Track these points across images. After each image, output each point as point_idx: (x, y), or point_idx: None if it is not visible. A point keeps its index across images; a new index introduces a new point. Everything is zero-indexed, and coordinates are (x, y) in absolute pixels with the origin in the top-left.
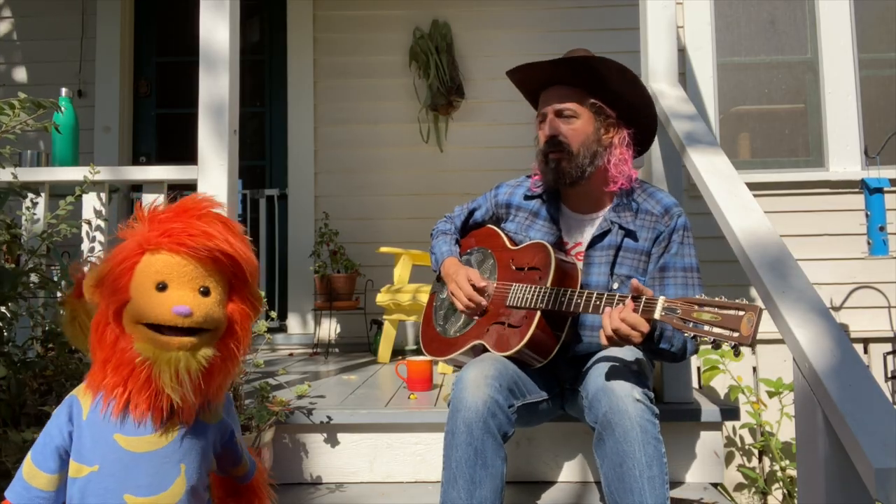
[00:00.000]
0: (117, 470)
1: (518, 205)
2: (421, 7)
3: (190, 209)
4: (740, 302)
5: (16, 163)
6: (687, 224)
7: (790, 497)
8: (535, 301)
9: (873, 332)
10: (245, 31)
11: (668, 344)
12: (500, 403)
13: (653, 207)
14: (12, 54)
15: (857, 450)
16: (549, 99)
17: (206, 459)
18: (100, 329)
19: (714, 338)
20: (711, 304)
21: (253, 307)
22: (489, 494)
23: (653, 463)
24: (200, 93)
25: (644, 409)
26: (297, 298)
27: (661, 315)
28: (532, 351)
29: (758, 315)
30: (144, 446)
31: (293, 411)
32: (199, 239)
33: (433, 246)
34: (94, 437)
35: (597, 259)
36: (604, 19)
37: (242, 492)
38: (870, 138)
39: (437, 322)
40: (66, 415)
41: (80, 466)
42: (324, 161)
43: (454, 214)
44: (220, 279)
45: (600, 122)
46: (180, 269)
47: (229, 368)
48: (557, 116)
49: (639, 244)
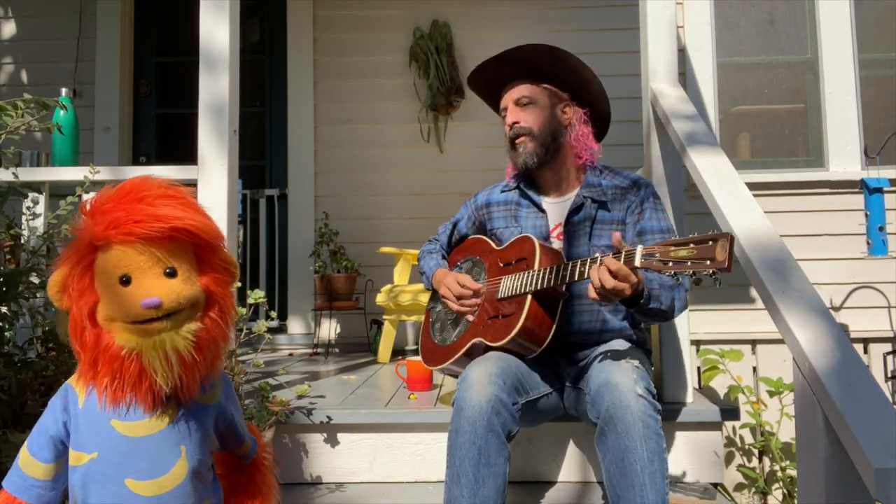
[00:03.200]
0: (116, 456)
1: (497, 201)
2: (421, 7)
3: (129, 192)
4: (712, 233)
5: (16, 163)
6: (655, 192)
7: (790, 497)
8: (524, 286)
9: (873, 332)
10: (245, 31)
11: (658, 302)
12: (504, 402)
13: (621, 182)
14: (11, 54)
15: (857, 450)
16: (507, 95)
17: (206, 440)
18: (77, 332)
19: (693, 270)
20: (685, 241)
21: (227, 272)
22: (492, 493)
23: (654, 458)
24: (200, 93)
25: (646, 404)
26: (297, 298)
27: (642, 261)
28: (527, 338)
29: (729, 241)
30: (142, 430)
31: (293, 411)
32: (147, 223)
33: (422, 266)
34: (91, 424)
35: (575, 233)
36: (604, 19)
37: (245, 468)
38: (870, 138)
39: (435, 334)
40: (60, 405)
41: (80, 454)
42: (324, 161)
43: (438, 234)
44: (183, 255)
45: (555, 102)
46: (137, 258)
47: (217, 339)
48: (516, 105)
49: (612, 214)
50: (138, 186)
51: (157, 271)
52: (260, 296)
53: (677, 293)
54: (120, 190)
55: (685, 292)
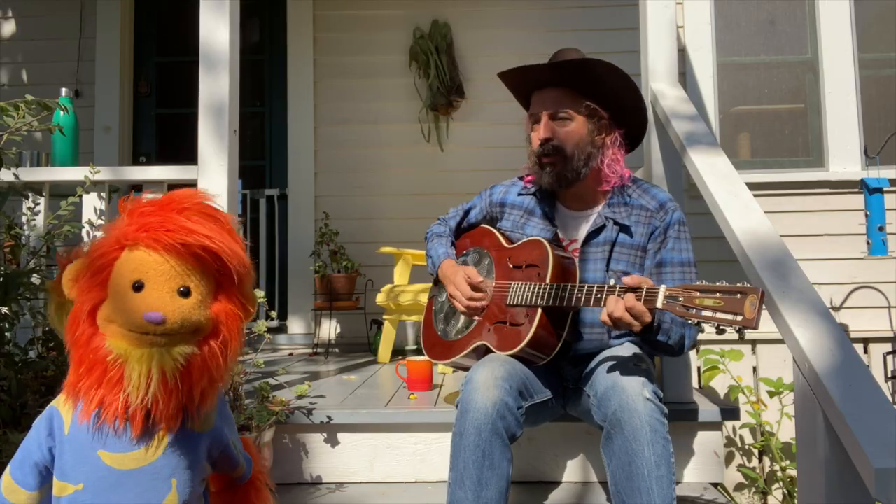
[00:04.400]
0: (103, 489)
1: (513, 203)
2: (421, 7)
3: (173, 202)
4: (741, 285)
5: (17, 163)
6: (682, 218)
7: (790, 497)
8: (535, 299)
9: (873, 332)
10: (245, 31)
11: (666, 336)
12: (509, 405)
13: (647, 203)
14: (11, 54)
15: (857, 450)
16: (542, 101)
17: (199, 471)
18: (73, 326)
19: (718, 323)
20: (713, 289)
21: (243, 308)
22: (495, 495)
23: (661, 462)
24: (200, 93)
25: (654, 407)
26: (297, 298)
27: (664, 304)
28: (535, 349)
29: (760, 297)
30: (131, 463)
31: (293, 411)
32: (177, 234)
33: (428, 248)
34: (77, 453)
35: (592, 255)
36: (604, 19)
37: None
38: (870, 138)
39: (438, 325)
40: (45, 428)
41: (64, 485)
42: (324, 161)
43: (448, 216)
44: (203, 278)
45: (593, 123)
46: (157, 267)
47: (212, 371)
48: (552, 119)
49: (634, 239)
50: (182, 198)
51: (171, 286)
52: (260, 296)
53: (688, 331)
54: (166, 197)
55: (696, 332)
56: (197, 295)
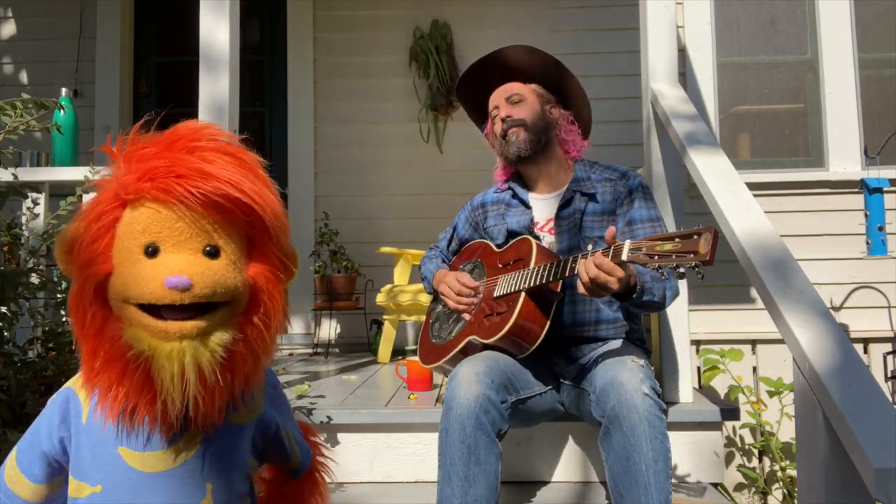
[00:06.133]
0: (125, 493)
1: (492, 200)
2: (421, 7)
3: (180, 139)
4: (696, 228)
5: (16, 163)
6: (644, 183)
7: (790, 497)
8: (518, 284)
9: (873, 332)
10: (245, 31)
11: (651, 294)
12: (492, 400)
13: (610, 175)
14: (12, 54)
15: (858, 450)
16: (497, 95)
17: (241, 470)
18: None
19: (677, 263)
20: (670, 235)
21: (284, 267)
22: (483, 492)
23: (659, 458)
24: (200, 93)
25: (652, 403)
26: (297, 298)
27: (629, 255)
28: (519, 335)
29: (713, 234)
30: (158, 465)
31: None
32: (192, 181)
33: (423, 272)
34: (95, 449)
35: (566, 226)
36: (604, 19)
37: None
38: (870, 138)
39: (433, 334)
40: (59, 414)
41: (81, 485)
42: (324, 161)
43: (438, 241)
44: (232, 233)
45: (543, 99)
46: (173, 224)
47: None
48: (508, 102)
49: (602, 205)
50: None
51: (194, 245)
52: None
53: (668, 283)
54: (169, 134)
55: (676, 283)
56: (228, 254)
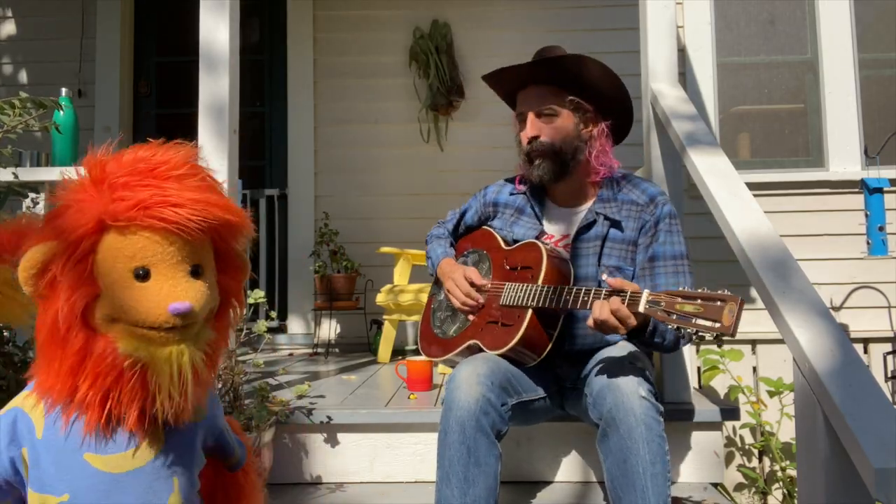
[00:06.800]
0: (95, 497)
1: (505, 202)
2: (421, 7)
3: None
4: (722, 293)
5: (16, 162)
6: (672, 212)
7: (790, 497)
8: (526, 299)
9: (873, 332)
10: (245, 31)
11: (661, 338)
12: (492, 402)
13: (637, 197)
14: (12, 54)
15: (857, 450)
16: (527, 99)
17: (199, 465)
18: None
19: (697, 329)
20: (694, 295)
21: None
22: (482, 493)
23: (656, 460)
24: (200, 93)
25: (649, 406)
26: (297, 298)
27: (646, 308)
28: (525, 348)
29: (739, 305)
30: (127, 464)
31: (293, 411)
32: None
33: (428, 250)
34: (58, 460)
35: (584, 251)
36: (604, 19)
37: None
38: (870, 138)
39: (435, 324)
40: (7, 436)
41: (45, 497)
42: (324, 161)
43: (447, 220)
44: (205, 248)
45: (579, 117)
46: (163, 249)
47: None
48: (538, 117)
49: (625, 234)
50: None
51: (184, 267)
52: (260, 296)
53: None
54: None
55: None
56: (209, 272)
